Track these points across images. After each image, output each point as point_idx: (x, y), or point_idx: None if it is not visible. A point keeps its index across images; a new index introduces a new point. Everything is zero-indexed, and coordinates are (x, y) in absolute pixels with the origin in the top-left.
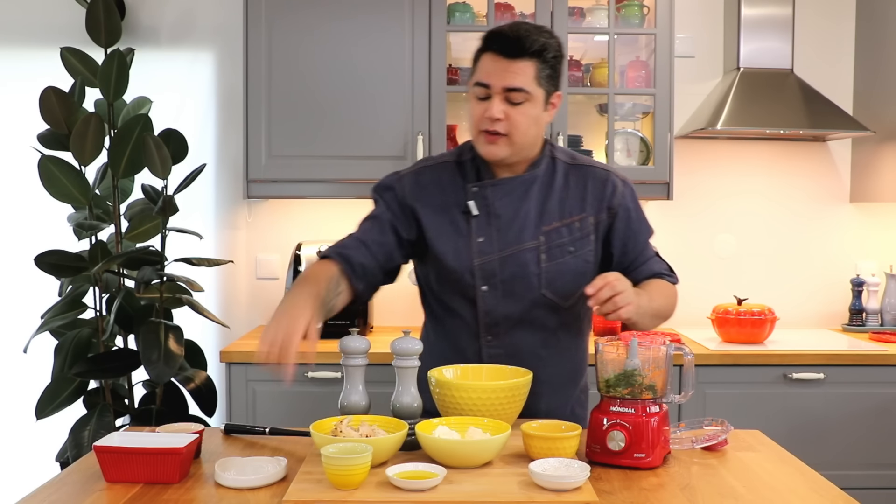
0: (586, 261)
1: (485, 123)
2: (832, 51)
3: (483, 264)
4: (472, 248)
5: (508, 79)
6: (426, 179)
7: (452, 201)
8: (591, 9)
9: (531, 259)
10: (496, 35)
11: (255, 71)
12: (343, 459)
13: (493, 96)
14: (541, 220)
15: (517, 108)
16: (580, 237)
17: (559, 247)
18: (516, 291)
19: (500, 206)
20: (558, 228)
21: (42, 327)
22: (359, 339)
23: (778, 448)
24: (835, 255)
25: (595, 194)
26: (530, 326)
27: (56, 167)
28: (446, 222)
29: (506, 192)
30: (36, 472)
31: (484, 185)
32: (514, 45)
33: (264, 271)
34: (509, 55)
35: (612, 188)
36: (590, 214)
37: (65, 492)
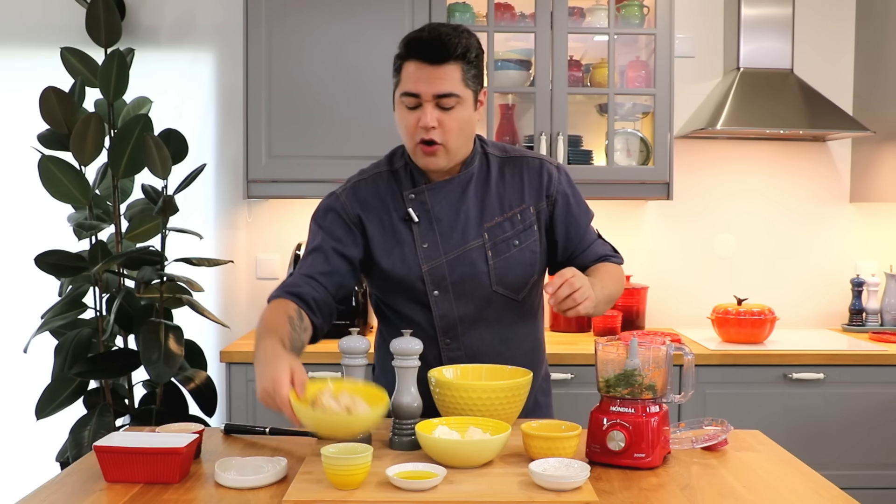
0: (532, 251)
1: (419, 133)
2: (832, 51)
3: (431, 269)
4: (418, 255)
5: (437, 85)
6: (363, 193)
7: (392, 210)
8: (591, 9)
9: (478, 258)
10: (417, 42)
11: (255, 71)
12: (343, 459)
13: (423, 105)
14: (482, 217)
15: (449, 114)
16: (523, 229)
17: (504, 241)
18: (468, 292)
19: (440, 209)
20: (500, 223)
21: (42, 327)
22: (359, 339)
23: (778, 448)
24: (835, 255)
25: (532, 184)
26: (486, 324)
27: (56, 167)
28: (389, 233)
29: (443, 194)
30: (36, 472)
31: (420, 190)
32: (438, 51)
33: (264, 271)
34: (434, 61)
35: (547, 176)
36: (529, 205)
37: (65, 492)
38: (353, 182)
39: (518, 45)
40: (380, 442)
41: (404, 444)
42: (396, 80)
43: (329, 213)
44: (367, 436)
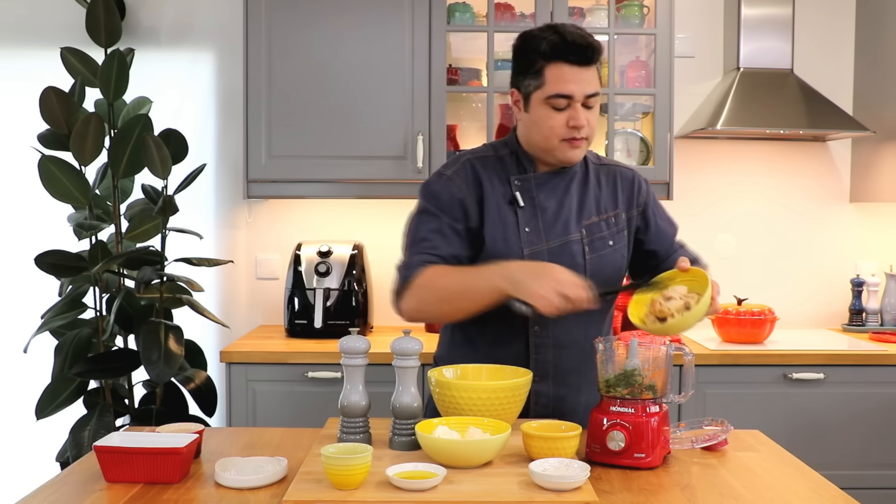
0: (622, 255)
1: (570, 132)
2: (832, 51)
3: (532, 254)
4: (521, 239)
5: (587, 86)
6: (474, 171)
7: (499, 192)
8: (591, 9)
9: (577, 251)
10: (567, 45)
11: (255, 71)
12: (343, 459)
13: (573, 105)
14: (581, 214)
15: (592, 112)
16: (616, 232)
17: (600, 240)
18: None
19: (544, 198)
20: (597, 223)
21: (42, 327)
22: (359, 339)
23: (778, 448)
24: (835, 255)
25: (625, 192)
26: (576, 317)
27: (56, 167)
28: (496, 213)
29: (549, 185)
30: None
31: (528, 177)
32: (590, 53)
33: (264, 271)
34: (586, 63)
35: (638, 187)
36: (622, 211)
37: (65, 492)
38: (464, 161)
39: None
40: (380, 442)
41: (404, 444)
42: (536, 81)
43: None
44: (367, 436)
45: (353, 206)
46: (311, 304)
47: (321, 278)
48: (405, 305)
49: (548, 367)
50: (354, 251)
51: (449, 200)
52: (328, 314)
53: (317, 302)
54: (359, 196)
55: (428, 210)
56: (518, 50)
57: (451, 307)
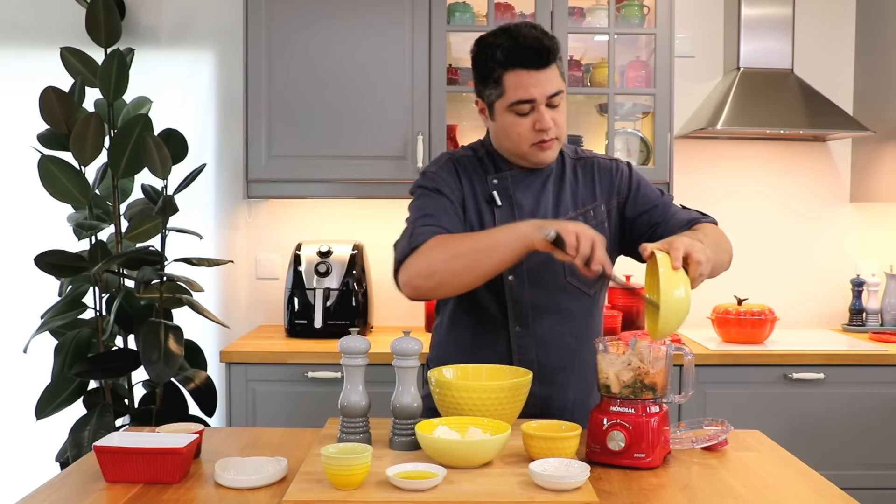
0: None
1: (538, 136)
2: (832, 50)
3: None
4: None
5: (547, 87)
6: (456, 168)
7: (478, 192)
8: (591, 9)
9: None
10: (520, 51)
11: (255, 71)
12: (343, 459)
13: (538, 108)
14: (558, 210)
15: (558, 110)
16: (595, 225)
17: None
18: (542, 280)
19: (521, 196)
20: (574, 218)
21: (42, 327)
22: (359, 339)
23: (778, 448)
24: (835, 255)
25: (604, 183)
26: (558, 315)
27: (56, 167)
28: (473, 212)
29: (525, 183)
30: (36, 472)
31: (504, 176)
32: (543, 55)
33: (264, 271)
34: (541, 65)
35: (619, 175)
36: (601, 203)
37: (65, 492)
38: (446, 160)
39: None
40: (380, 442)
41: (404, 444)
42: (497, 90)
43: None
44: (367, 436)
45: (353, 206)
46: (311, 304)
47: (321, 278)
48: (409, 271)
49: (532, 366)
50: (354, 251)
51: (444, 185)
52: (328, 314)
53: (317, 302)
54: (359, 196)
55: (426, 193)
56: (475, 59)
57: (463, 263)
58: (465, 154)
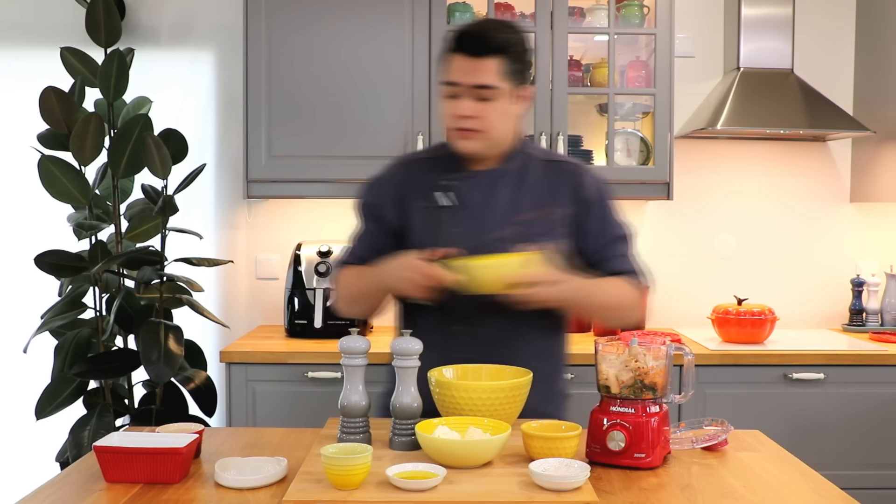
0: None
1: (456, 122)
2: (832, 50)
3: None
4: (443, 238)
5: (475, 76)
6: (401, 175)
7: (426, 194)
8: (591, 9)
9: (501, 249)
10: (461, 35)
11: (255, 71)
12: (343, 459)
13: (462, 95)
14: (512, 211)
15: (487, 105)
16: (551, 228)
17: (528, 236)
18: None
19: (471, 197)
20: (530, 220)
21: (42, 327)
22: (359, 339)
23: (778, 448)
24: (835, 255)
25: (567, 188)
26: (500, 315)
27: (56, 167)
28: (421, 214)
29: (477, 184)
30: (36, 472)
31: (456, 177)
32: (478, 44)
33: (264, 271)
34: (475, 53)
35: (583, 182)
36: (560, 206)
37: (65, 492)
38: (396, 165)
39: None
40: (380, 442)
41: (404, 444)
42: (441, 71)
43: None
44: (367, 436)
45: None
46: (310, 304)
47: (321, 278)
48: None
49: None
50: None
51: (372, 206)
52: (328, 314)
53: (317, 302)
54: None
55: (358, 216)
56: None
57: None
58: (418, 157)
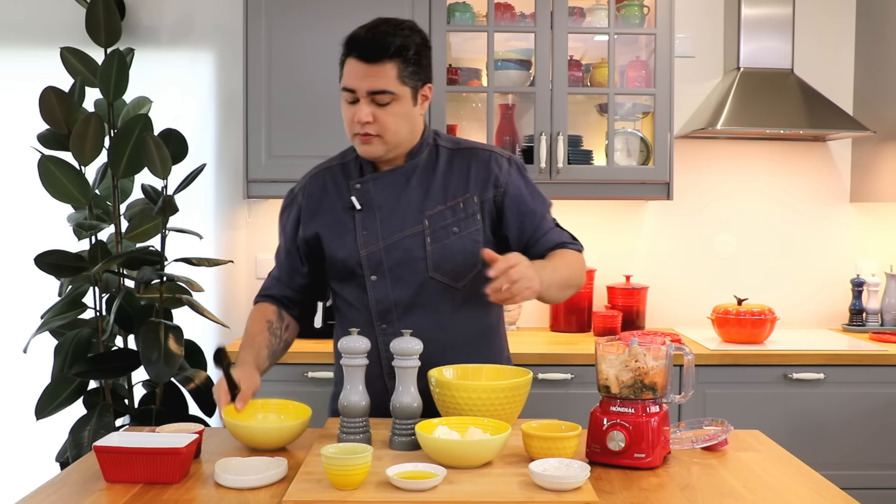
0: (474, 240)
1: (356, 127)
2: (832, 50)
3: (369, 254)
4: (358, 241)
5: (371, 82)
6: (314, 187)
7: (339, 201)
8: (591, 9)
9: (415, 244)
10: (355, 40)
11: (255, 71)
12: (343, 459)
13: (359, 100)
14: (423, 205)
15: (385, 109)
16: (464, 217)
17: (443, 229)
18: (404, 277)
19: (381, 197)
20: (441, 212)
21: (42, 327)
22: (359, 339)
23: (778, 448)
24: (835, 255)
25: (479, 175)
26: (422, 310)
27: (56, 167)
28: (335, 222)
29: (386, 184)
30: (36, 472)
31: (365, 180)
32: (372, 50)
33: (264, 271)
34: (369, 59)
35: (497, 167)
36: (473, 194)
37: (65, 492)
38: (306, 178)
39: (518, 44)
40: (380, 442)
41: (404, 444)
42: (340, 75)
43: (285, 212)
44: (367, 436)
45: None
46: None
47: None
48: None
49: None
50: None
51: (286, 221)
52: (328, 314)
53: None
54: None
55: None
56: None
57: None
58: (329, 164)
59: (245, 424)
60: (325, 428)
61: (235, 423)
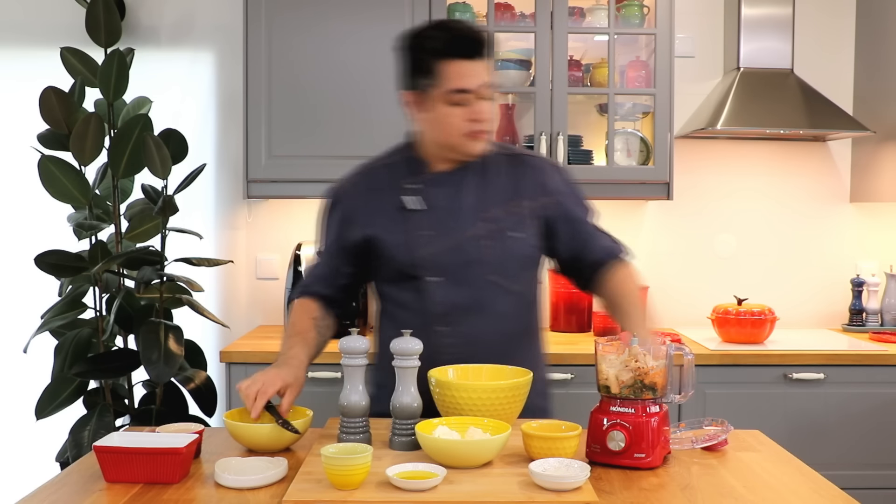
0: (530, 245)
1: (472, 126)
2: (832, 51)
3: (430, 256)
4: (417, 242)
5: (482, 78)
6: (360, 188)
7: (389, 202)
8: (591, 9)
9: (473, 246)
10: (456, 41)
11: (255, 71)
12: (343, 459)
13: (472, 99)
14: (479, 208)
15: (489, 104)
16: (519, 221)
17: (499, 232)
18: (463, 279)
19: (438, 198)
20: (497, 215)
21: (42, 327)
22: (359, 339)
23: (778, 448)
24: (835, 255)
25: (531, 181)
26: (481, 313)
27: (56, 167)
28: (389, 223)
29: (442, 184)
30: (36, 472)
31: (420, 180)
32: (477, 47)
33: (264, 271)
34: (476, 56)
35: (547, 175)
36: (526, 199)
37: (65, 492)
38: (350, 178)
39: (518, 44)
40: (380, 442)
41: (404, 444)
42: (431, 80)
43: (330, 212)
44: (367, 436)
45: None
46: None
47: None
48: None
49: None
50: None
51: (330, 222)
52: None
53: None
54: None
55: (321, 225)
56: (408, 50)
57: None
58: (374, 165)
59: (245, 426)
60: (325, 428)
61: (235, 425)
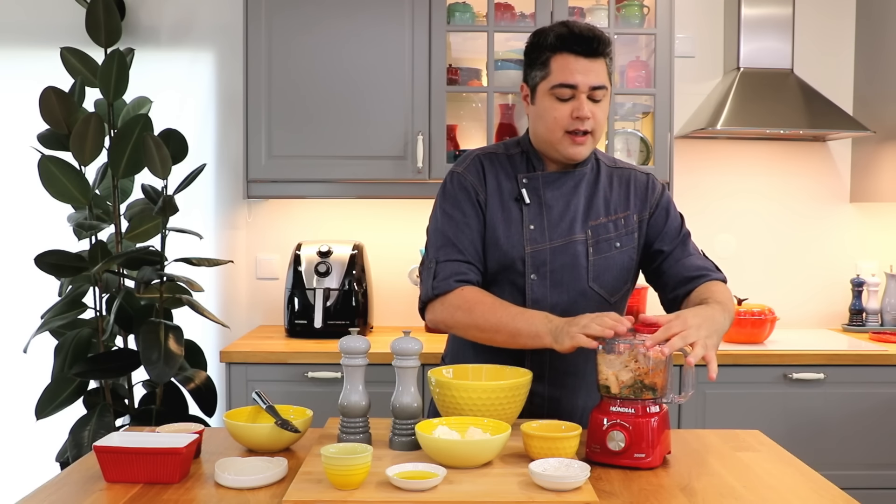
0: (630, 257)
1: (573, 124)
2: (832, 51)
3: (534, 252)
4: (523, 236)
5: (592, 78)
6: (483, 169)
7: (506, 189)
8: (591, 9)
9: (580, 251)
10: (572, 36)
11: (255, 71)
12: (343, 459)
13: (578, 96)
14: (588, 214)
15: (598, 106)
16: (625, 233)
17: (606, 241)
18: (564, 282)
19: (551, 197)
20: (605, 224)
21: (42, 327)
22: (359, 339)
23: (778, 448)
24: (835, 255)
25: (638, 195)
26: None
27: (56, 167)
28: (505, 211)
29: (556, 184)
30: (36, 472)
31: (536, 175)
32: (592, 45)
33: (264, 271)
34: (590, 55)
35: (652, 190)
36: (633, 213)
37: (65, 492)
38: (474, 157)
39: (518, 45)
40: (380, 442)
41: (404, 444)
42: (542, 72)
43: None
44: (367, 436)
45: (353, 206)
46: (311, 304)
47: (321, 278)
48: (435, 317)
49: (543, 367)
50: (354, 251)
51: (465, 196)
52: (328, 314)
53: (317, 302)
54: (359, 196)
55: (447, 208)
56: (529, 46)
57: (484, 336)
58: (494, 151)
59: (245, 426)
60: (325, 428)
61: (235, 425)
